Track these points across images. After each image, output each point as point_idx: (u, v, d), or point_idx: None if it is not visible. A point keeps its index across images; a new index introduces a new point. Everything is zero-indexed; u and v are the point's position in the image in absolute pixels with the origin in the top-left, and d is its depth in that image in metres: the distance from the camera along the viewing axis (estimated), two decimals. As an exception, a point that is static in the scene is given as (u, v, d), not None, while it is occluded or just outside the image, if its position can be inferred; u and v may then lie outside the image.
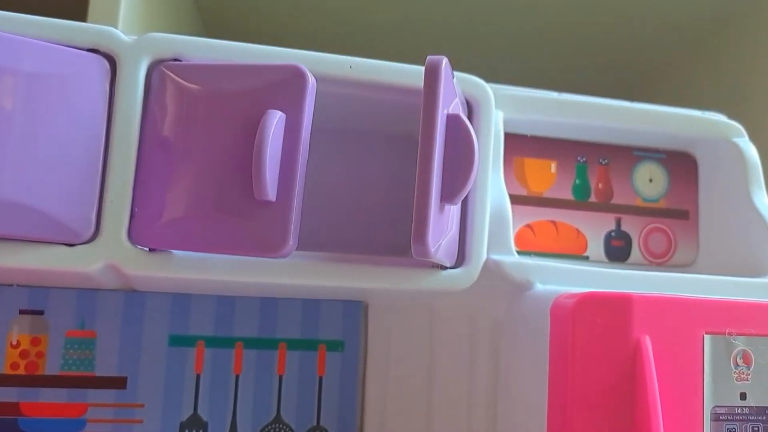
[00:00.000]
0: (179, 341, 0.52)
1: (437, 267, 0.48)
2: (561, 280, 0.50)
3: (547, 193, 0.57)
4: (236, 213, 0.41)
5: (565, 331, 0.45)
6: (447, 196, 0.42)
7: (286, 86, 0.42)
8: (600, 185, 0.58)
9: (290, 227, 0.38)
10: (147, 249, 0.44)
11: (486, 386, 0.52)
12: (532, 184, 0.57)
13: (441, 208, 0.42)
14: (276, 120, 0.40)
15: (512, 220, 0.53)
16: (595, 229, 0.58)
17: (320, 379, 0.54)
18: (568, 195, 0.58)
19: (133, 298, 0.52)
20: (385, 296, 0.54)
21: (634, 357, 0.43)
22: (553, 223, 0.57)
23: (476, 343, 0.53)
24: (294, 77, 0.42)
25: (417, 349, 0.53)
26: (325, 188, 0.55)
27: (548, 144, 0.58)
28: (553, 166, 0.58)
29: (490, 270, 0.49)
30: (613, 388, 0.43)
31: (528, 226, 0.58)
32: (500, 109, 0.55)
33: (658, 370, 0.43)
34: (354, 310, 0.55)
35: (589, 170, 0.58)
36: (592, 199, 0.58)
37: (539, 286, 0.50)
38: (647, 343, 0.44)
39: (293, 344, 0.54)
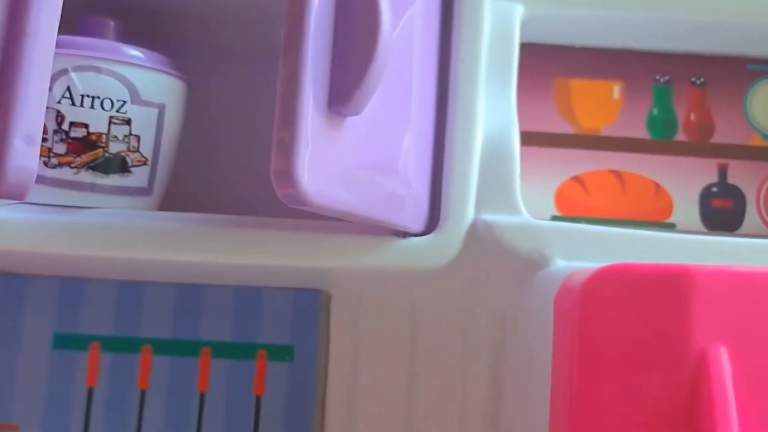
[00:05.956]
0: (67, 342, 0.40)
1: (398, 234, 0.35)
2: (599, 251, 0.34)
3: (608, 130, 0.43)
4: None
5: (569, 324, 0.27)
6: (337, 99, 0.25)
7: None
8: (693, 116, 0.43)
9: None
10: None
11: (484, 400, 0.42)
12: (582, 117, 0.43)
13: (331, 121, 0.25)
14: None
15: (553, 170, 0.41)
16: (685, 182, 0.43)
17: (258, 399, 0.40)
18: (640, 131, 0.43)
19: (8, 284, 0.40)
20: (351, 282, 0.41)
21: (697, 373, 0.25)
22: (617, 174, 0.43)
23: (472, 344, 0.42)
24: None
25: (395, 354, 0.43)
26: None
27: (608, 57, 0.43)
28: (617, 89, 0.43)
29: (485, 239, 0.35)
30: (657, 414, 0.25)
31: (576, 178, 0.43)
32: (520, 1, 0.39)
33: (737, 392, 0.25)
34: (309, 303, 0.41)
35: (674, 95, 0.43)
36: (681, 136, 0.43)
37: (561, 263, 0.33)
38: (719, 353, 0.25)
39: (221, 350, 0.40)
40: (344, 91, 0.25)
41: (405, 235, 0.35)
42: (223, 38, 0.44)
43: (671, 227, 0.42)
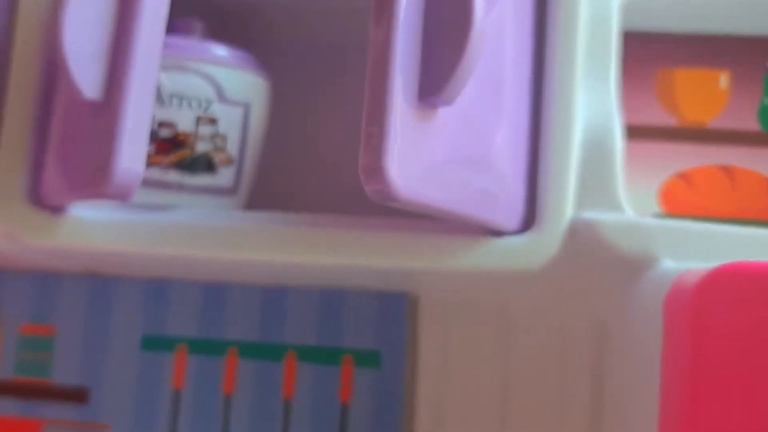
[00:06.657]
0: (155, 344, 0.40)
1: (491, 233, 0.33)
2: (710, 251, 0.32)
3: (715, 123, 0.42)
4: None
5: (682, 328, 0.25)
6: (428, 88, 0.24)
7: None
8: (811, 106, 0.42)
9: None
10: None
11: (584, 411, 0.40)
12: (687, 109, 0.41)
13: (422, 113, 0.24)
14: None
15: (656, 166, 0.41)
16: (802, 178, 0.41)
17: (344, 405, 0.39)
18: (751, 123, 0.41)
19: (99, 285, 0.41)
20: (440, 285, 0.40)
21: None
22: (726, 169, 0.41)
23: (571, 351, 0.41)
24: None
25: (488, 362, 0.42)
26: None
27: (715, 44, 0.42)
28: (725, 78, 0.42)
29: (585, 238, 0.33)
30: None
31: (682, 175, 0.41)
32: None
33: None
34: (395, 306, 0.40)
35: (789, 83, 0.42)
36: (797, 128, 0.42)
37: (668, 264, 0.31)
38: None
39: (306, 354, 0.40)
40: (436, 80, 0.24)
41: (499, 234, 0.33)
42: (307, 35, 0.44)
43: (786, 227, 0.39)
